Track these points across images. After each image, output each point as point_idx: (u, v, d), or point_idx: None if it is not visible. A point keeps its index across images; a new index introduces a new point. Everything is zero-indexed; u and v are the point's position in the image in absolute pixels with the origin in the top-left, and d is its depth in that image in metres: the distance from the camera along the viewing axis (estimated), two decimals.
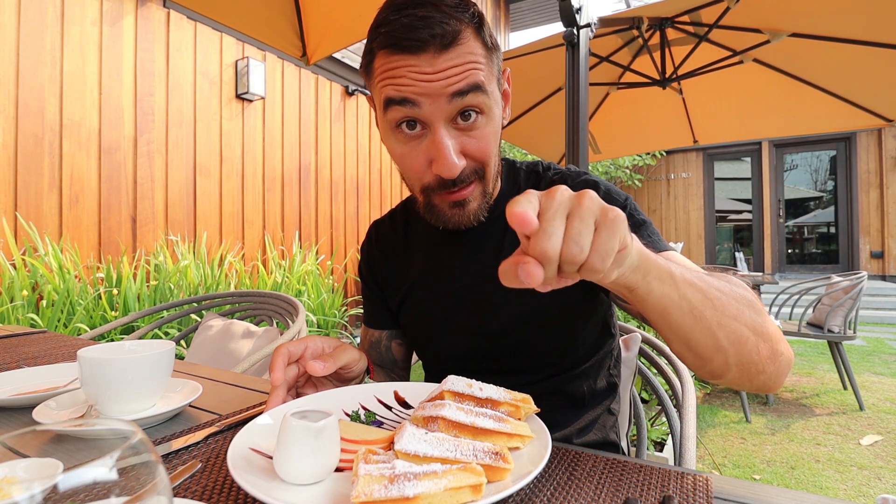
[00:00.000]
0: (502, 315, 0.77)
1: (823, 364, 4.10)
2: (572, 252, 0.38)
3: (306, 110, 4.83)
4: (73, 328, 2.64)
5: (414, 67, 0.63)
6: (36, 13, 2.91)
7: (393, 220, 0.93)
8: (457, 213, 0.71)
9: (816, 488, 2.10)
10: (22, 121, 2.84)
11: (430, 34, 0.62)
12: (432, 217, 0.74)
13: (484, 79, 0.65)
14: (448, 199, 0.70)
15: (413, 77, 0.63)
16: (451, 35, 0.63)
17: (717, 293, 0.53)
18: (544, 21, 9.96)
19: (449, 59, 0.63)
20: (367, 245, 0.96)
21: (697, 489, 0.44)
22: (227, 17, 1.68)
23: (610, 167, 8.48)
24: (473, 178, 0.69)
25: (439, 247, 0.83)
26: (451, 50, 0.63)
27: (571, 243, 0.38)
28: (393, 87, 0.64)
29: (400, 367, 0.95)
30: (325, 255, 4.96)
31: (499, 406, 0.51)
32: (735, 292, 0.55)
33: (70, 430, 0.28)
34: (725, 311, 0.52)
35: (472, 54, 0.64)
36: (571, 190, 0.59)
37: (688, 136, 3.76)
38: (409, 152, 0.68)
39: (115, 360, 0.59)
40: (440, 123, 0.64)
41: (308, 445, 0.43)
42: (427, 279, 0.84)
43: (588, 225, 0.39)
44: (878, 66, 2.51)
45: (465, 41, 0.64)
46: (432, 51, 0.62)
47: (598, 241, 0.39)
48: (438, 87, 0.63)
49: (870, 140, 7.93)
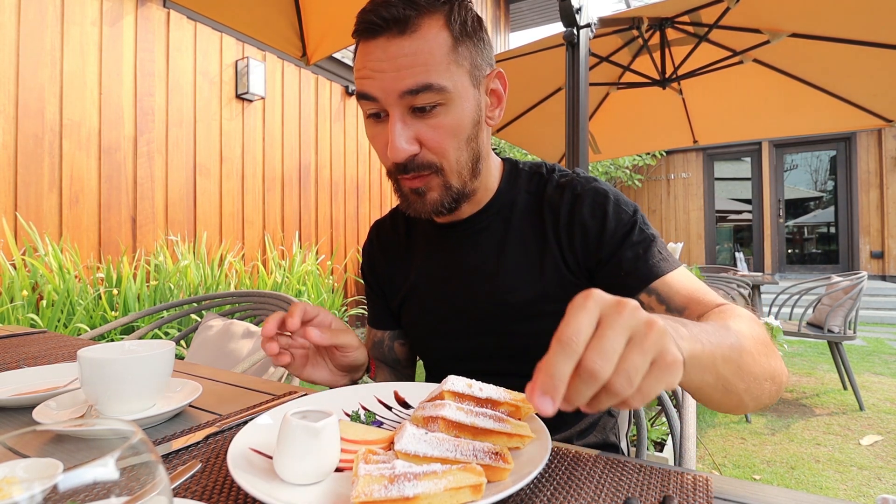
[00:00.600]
0: (502, 316, 0.77)
1: (823, 364, 4.10)
2: (620, 385, 0.34)
3: (306, 110, 4.83)
4: (73, 328, 2.64)
5: (370, 55, 0.64)
6: (36, 13, 2.91)
7: (394, 220, 0.93)
8: (416, 201, 0.72)
9: (816, 488, 2.10)
10: (22, 121, 2.84)
11: (382, 18, 0.62)
12: (402, 202, 0.75)
13: (439, 77, 0.64)
14: (407, 185, 0.71)
15: (370, 67, 0.64)
16: (405, 20, 0.62)
17: (748, 357, 0.51)
18: (544, 21, 9.97)
19: (400, 47, 0.63)
20: (369, 246, 0.96)
21: (697, 489, 0.44)
22: (227, 17, 1.68)
23: (610, 167, 8.48)
24: (430, 170, 0.69)
25: (439, 246, 0.83)
26: (406, 37, 0.63)
27: (623, 375, 0.34)
28: (358, 79, 0.67)
29: (403, 366, 0.95)
30: (325, 256, 4.96)
31: (499, 406, 0.51)
32: (756, 340, 0.53)
33: (70, 430, 0.28)
34: (752, 374, 0.51)
35: (429, 45, 0.63)
36: (578, 197, 0.64)
37: (688, 136, 3.76)
38: (375, 137, 0.70)
39: (115, 360, 0.59)
40: (395, 111, 0.65)
41: (308, 445, 0.43)
42: (427, 279, 0.84)
43: (644, 365, 0.35)
44: (878, 67, 2.51)
45: (424, 29, 0.63)
46: (386, 36, 0.63)
47: (646, 383, 0.35)
48: (390, 81, 0.63)
49: (870, 140, 7.93)
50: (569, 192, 0.75)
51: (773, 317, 3.24)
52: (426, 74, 0.63)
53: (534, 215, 0.77)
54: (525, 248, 0.76)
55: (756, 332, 0.55)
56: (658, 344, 0.35)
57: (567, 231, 0.73)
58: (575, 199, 0.74)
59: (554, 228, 0.74)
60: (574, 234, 0.73)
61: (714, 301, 0.65)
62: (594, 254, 0.72)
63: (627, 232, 0.70)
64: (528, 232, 0.77)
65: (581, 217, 0.72)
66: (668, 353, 0.36)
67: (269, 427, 0.53)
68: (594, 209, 0.72)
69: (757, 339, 0.54)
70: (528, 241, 0.76)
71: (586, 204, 0.73)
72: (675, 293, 0.66)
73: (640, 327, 0.35)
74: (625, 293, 0.63)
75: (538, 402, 0.34)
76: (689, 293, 0.66)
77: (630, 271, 0.69)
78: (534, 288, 0.74)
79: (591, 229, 0.72)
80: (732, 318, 0.56)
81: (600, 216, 0.72)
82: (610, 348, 0.34)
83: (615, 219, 0.71)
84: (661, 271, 0.68)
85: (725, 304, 0.64)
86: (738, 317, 0.57)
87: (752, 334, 0.54)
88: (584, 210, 0.72)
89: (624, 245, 0.70)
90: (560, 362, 0.34)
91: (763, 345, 0.54)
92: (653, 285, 0.67)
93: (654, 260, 0.69)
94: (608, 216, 0.71)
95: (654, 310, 0.67)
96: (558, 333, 0.35)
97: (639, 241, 0.70)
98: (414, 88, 0.63)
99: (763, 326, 0.59)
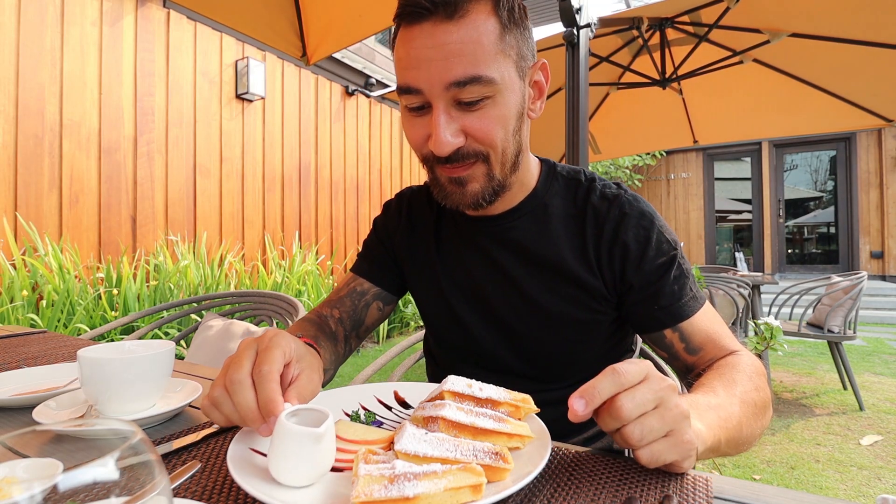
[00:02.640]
0: (524, 319, 0.76)
1: (823, 364, 4.10)
2: (631, 432, 0.43)
3: (306, 110, 4.83)
4: (73, 328, 2.64)
5: (414, 40, 0.61)
6: (36, 13, 2.91)
7: (430, 199, 0.88)
8: (455, 191, 0.69)
9: (816, 488, 2.10)
10: (22, 121, 2.84)
11: (433, 4, 0.59)
12: (436, 191, 0.72)
13: (487, 68, 0.61)
14: (446, 174, 0.68)
15: (414, 55, 0.61)
16: (453, 4, 0.59)
17: (746, 430, 0.57)
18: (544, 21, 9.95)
19: (449, 32, 0.59)
20: (397, 208, 0.91)
21: (697, 489, 0.44)
22: (227, 17, 1.68)
23: (610, 167, 8.48)
24: (476, 159, 0.66)
25: (469, 239, 0.81)
26: (455, 22, 0.59)
27: (637, 426, 0.43)
28: (401, 70, 0.63)
29: (359, 333, 0.89)
30: (325, 256, 4.96)
31: (499, 406, 0.51)
32: (753, 404, 0.59)
33: (70, 430, 0.28)
34: (745, 441, 0.57)
35: (477, 33, 0.60)
36: (625, 217, 0.71)
37: (688, 136, 3.76)
38: (412, 124, 0.67)
39: (115, 360, 0.59)
40: (439, 103, 0.63)
41: (307, 450, 0.42)
42: (452, 271, 0.82)
43: (659, 431, 0.44)
44: (878, 66, 2.51)
45: (473, 15, 0.60)
46: (432, 20, 0.60)
47: (657, 446, 0.44)
48: (437, 71, 0.60)
49: (870, 140, 7.92)
50: (616, 208, 0.73)
51: (773, 317, 3.23)
52: (475, 65, 0.60)
53: (572, 223, 0.75)
54: (560, 256, 0.74)
55: (753, 394, 0.60)
56: (675, 422, 0.44)
57: (609, 248, 0.73)
58: (622, 217, 0.73)
59: (595, 242, 0.73)
60: (615, 253, 0.72)
61: (726, 347, 0.69)
62: (628, 277, 0.72)
63: (667, 266, 0.71)
64: (562, 239, 0.75)
65: (625, 238, 0.72)
66: (683, 433, 0.44)
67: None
68: (638, 232, 0.72)
69: (754, 402, 0.59)
70: (563, 249, 0.74)
71: (632, 226, 0.72)
72: (696, 333, 0.70)
73: (670, 403, 0.44)
74: (652, 324, 0.71)
75: (574, 402, 0.43)
76: (708, 335, 0.70)
77: (665, 307, 0.71)
78: (563, 296, 0.74)
79: (632, 252, 0.71)
80: (738, 375, 0.62)
81: (643, 241, 0.72)
82: (641, 400, 0.43)
83: (656, 248, 0.72)
84: (691, 311, 0.70)
85: (735, 352, 0.68)
86: (741, 372, 0.62)
87: (750, 399, 0.59)
88: (629, 231, 0.72)
89: (663, 279, 0.71)
90: (606, 385, 0.44)
91: (756, 406, 0.59)
92: (680, 325, 0.70)
93: (686, 299, 0.71)
94: (650, 244, 0.71)
95: (675, 346, 0.71)
96: (616, 366, 0.44)
97: (676, 277, 0.71)
98: (462, 80, 0.60)
99: (762, 376, 0.64)
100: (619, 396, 0.43)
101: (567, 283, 0.74)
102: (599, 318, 0.75)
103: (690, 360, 0.71)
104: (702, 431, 0.48)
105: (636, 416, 0.43)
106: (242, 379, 0.47)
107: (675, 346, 0.71)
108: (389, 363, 2.76)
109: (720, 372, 0.64)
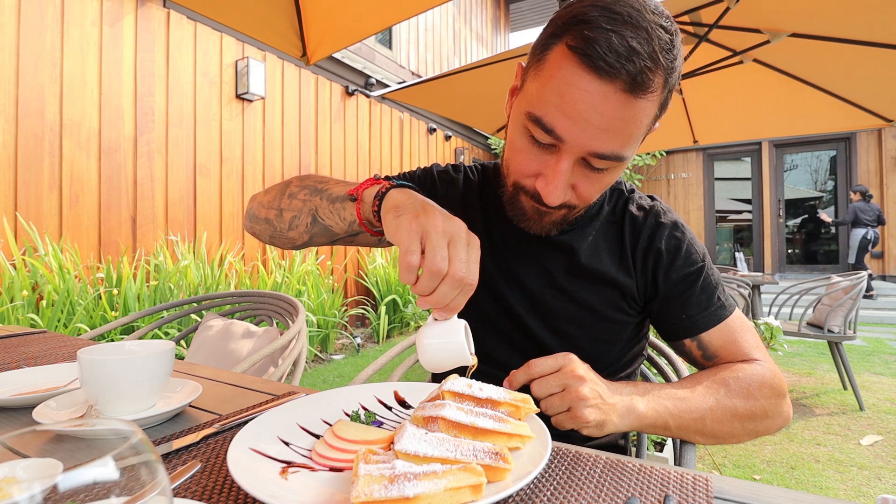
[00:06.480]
0: (551, 329, 0.78)
1: (823, 364, 4.10)
2: (544, 406, 0.60)
3: (306, 110, 4.83)
4: (73, 328, 2.64)
5: (583, 91, 0.56)
6: (36, 13, 2.91)
7: (468, 181, 0.87)
8: (535, 219, 0.71)
9: (816, 488, 2.10)
10: (22, 121, 2.84)
11: (625, 68, 0.54)
12: (511, 209, 0.74)
13: (631, 148, 0.61)
14: (534, 206, 0.69)
15: (578, 109, 0.57)
16: (643, 86, 0.56)
17: (714, 424, 0.66)
18: (544, 21, 9.95)
19: (622, 108, 0.56)
20: (449, 180, 0.88)
21: (697, 489, 0.44)
22: (226, 17, 1.68)
23: None
24: (568, 208, 0.69)
25: (510, 240, 0.81)
26: (633, 99, 0.56)
27: (545, 403, 0.60)
28: (550, 107, 0.59)
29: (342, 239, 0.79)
30: (325, 255, 4.96)
31: (499, 406, 0.51)
32: (731, 410, 0.67)
33: (70, 430, 0.28)
34: (716, 434, 0.67)
35: (643, 116, 0.59)
36: (661, 225, 0.79)
37: (688, 136, 3.76)
38: (526, 152, 0.65)
39: (115, 360, 0.59)
40: (570, 158, 0.61)
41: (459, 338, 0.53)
42: (496, 249, 0.81)
43: (561, 408, 0.59)
44: (878, 66, 2.51)
45: (651, 95, 0.57)
46: (616, 85, 0.55)
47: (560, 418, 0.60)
48: (589, 137, 0.58)
49: (870, 140, 7.92)
50: (652, 217, 0.79)
51: (773, 317, 3.23)
52: (623, 146, 0.60)
53: (612, 229, 0.80)
54: (599, 259, 0.78)
55: (739, 400, 0.67)
56: (574, 403, 0.58)
57: (643, 254, 0.77)
58: (657, 226, 0.78)
59: (633, 248, 0.78)
60: (648, 259, 0.77)
61: (744, 354, 0.73)
62: (656, 284, 0.77)
63: (695, 277, 0.75)
64: (602, 245, 0.79)
65: (658, 245, 0.77)
66: (579, 410, 0.58)
67: (270, 427, 0.53)
68: (670, 241, 0.77)
69: (734, 407, 0.66)
70: (602, 253, 0.78)
71: (666, 235, 0.77)
72: (714, 341, 0.75)
73: (571, 389, 0.58)
74: (677, 333, 0.76)
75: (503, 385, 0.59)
76: (726, 343, 0.74)
77: (690, 316, 0.75)
78: (599, 294, 0.77)
79: (663, 260, 0.76)
80: (732, 381, 0.68)
81: (673, 250, 0.76)
82: (546, 386, 0.59)
83: (685, 257, 0.76)
84: (716, 321, 0.74)
85: (750, 360, 0.72)
86: (739, 380, 0.68)
87: (732, 403, 0.66)
88: (662, 239, 0.77)
89: (691, 290, 0.75)
90: (520, 375, 0.61)
91: (736, 411, 0.66)
92: (700, 335, 0.75)
93: (713, 308, 0.75)
94: (681, 252, 0.76)
95: (693, 353, 0.77)
96: (531, 361, 0.61)
97: (703, 288, 0.75)
98: (606, 154, 0.60)
99: (769, 387, 0.69)
100: (532, 383, 0.60)
101: (603, 283, 0.78)
102: (627, 318, 0.79)
103: (707, 366, 0.76)
104: (636, 407, 0.62)
105: (544, 397, 0.59)
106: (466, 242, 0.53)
107: (693, 354, 0.77)
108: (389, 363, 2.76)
109: (714, 372, 0.70)
